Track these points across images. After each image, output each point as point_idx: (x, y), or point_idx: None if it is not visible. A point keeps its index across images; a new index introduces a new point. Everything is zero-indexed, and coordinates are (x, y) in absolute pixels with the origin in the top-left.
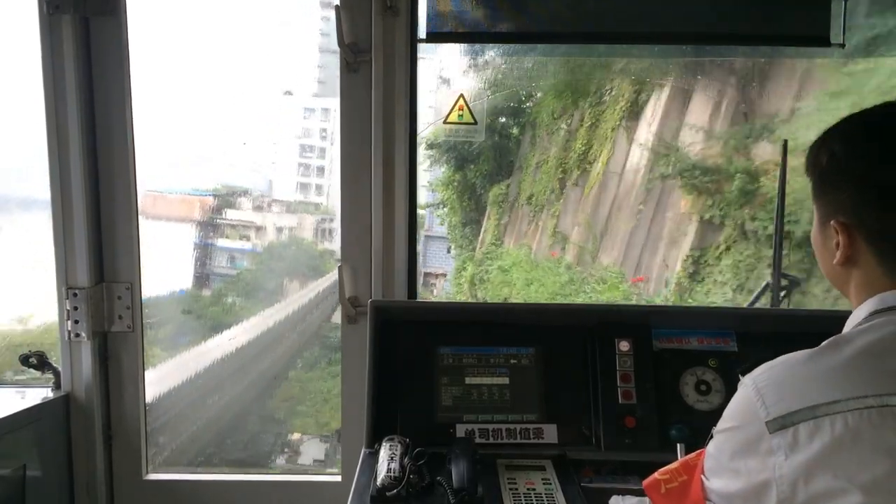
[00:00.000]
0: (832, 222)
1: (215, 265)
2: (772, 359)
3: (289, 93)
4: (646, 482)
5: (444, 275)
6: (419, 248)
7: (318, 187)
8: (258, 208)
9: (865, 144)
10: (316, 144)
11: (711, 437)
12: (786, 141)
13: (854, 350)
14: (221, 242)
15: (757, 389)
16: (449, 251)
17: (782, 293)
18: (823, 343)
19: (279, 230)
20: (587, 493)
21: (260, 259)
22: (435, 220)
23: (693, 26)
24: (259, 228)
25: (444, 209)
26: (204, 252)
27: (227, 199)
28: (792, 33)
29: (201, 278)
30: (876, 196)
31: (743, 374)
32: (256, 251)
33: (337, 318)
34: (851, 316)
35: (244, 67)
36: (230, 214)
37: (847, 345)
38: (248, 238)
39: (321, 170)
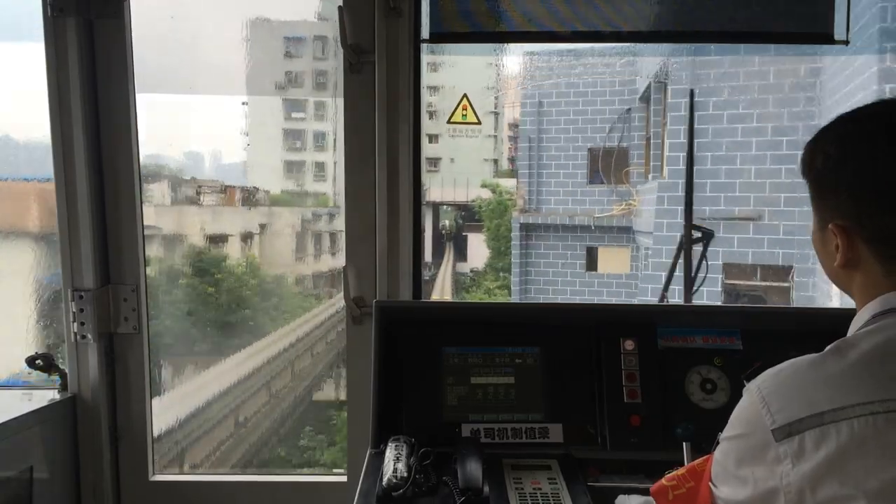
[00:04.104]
0: (830, 226)
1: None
2: (777, 358)
3: (265, 20)
4: (653, 488)
5: None
6: (514, 250)
7: (321, 167)
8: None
9: (859, 145)
10: (311, 99)
11: (718, 442)
12: None
13: (858, 355)
14: None
15: (762, 397)
16: (596, 258)
17: None
18: (828, 348)
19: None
20: (593, 492)
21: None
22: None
23: (694, 25)
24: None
25: None
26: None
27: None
28: (794, 30)
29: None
30: (872, 198)
31: (748, 380)
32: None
33: None
34: (855, 318)
35: None
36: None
37: (851, 349)
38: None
39: (321, 138)
